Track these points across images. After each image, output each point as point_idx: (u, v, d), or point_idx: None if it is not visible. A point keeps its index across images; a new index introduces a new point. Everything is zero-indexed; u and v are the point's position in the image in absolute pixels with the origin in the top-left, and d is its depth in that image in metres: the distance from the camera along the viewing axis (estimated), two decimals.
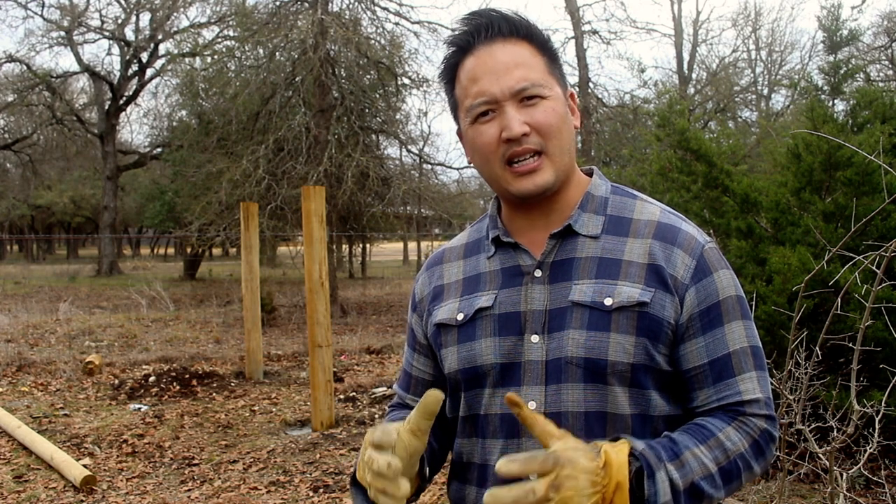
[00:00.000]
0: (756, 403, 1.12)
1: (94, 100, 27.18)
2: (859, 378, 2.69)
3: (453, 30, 1.22)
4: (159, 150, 24.25)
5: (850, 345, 2.68)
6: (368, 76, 14.38)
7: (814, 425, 3.01)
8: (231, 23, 18.24)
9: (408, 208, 16.56)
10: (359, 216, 15.31)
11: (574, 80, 19.23)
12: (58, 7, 24.92)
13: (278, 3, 13.71)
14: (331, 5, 13.33)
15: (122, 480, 4.70)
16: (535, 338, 1.14)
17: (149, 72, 25.04)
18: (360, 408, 6.50)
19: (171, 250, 46.85)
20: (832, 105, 6.21)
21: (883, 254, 2.47)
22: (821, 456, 2.90)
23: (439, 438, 1.30)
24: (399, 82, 14.09)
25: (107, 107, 25.11)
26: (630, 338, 1.10)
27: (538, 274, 1.17)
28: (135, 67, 25.08)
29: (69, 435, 5.70)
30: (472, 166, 1.28)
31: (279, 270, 22.18)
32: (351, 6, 14.09)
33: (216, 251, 36.55)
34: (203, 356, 9.18)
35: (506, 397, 1.00)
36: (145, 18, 24.65)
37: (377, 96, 14.55)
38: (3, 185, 35.33)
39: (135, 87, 25.45)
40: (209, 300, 15.73)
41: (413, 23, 14.19)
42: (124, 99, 25.29)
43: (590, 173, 1.27)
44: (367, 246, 26.19)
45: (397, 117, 15.47)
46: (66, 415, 6.36)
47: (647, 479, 0.99)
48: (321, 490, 4.46)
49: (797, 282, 3.64)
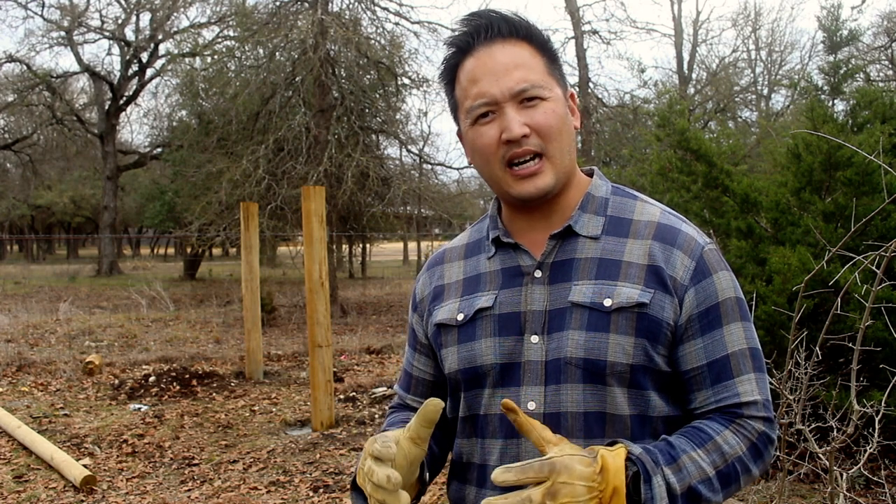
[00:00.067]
0: (754, 405, 1.12)
1: (94, 100, 27.18)
2: (859, 378, 2.69)
3: (453, 30, 1.22)
4: (159, 150, 24.24)
5: (850, 345, 2.68)
6: (368, 76, 14.38)
7: (814, 425, 3.01)
8: (231, 23, 18.24)
9: (408, 208, 16.56)
10: (359, 216, 15.31)
11: (574, 80, 19.23)
12: (58, 7, 24.93)
13: (278, 3, 13.71)
14: (331, 5, 13.33)
15: (122, 480, 4.70)
16: (534, 338, 1.14)
17: (149, 72, 25.06)
18: (360, 408, 6.51)
19: (171, 250, 46.85)
20: (832, 105, 6.20)
21: (883, 254, 2.47)
22: (821, 456, 2.90)
23: (439, 441, 1.30)
24: (399, 82, 14.09)
25: (107, 107, 25.11)
26: (629, 339, 1.10)
27: (538, 274, 1.17)
28: (135, 67, 25.09)
29: (69, 435, 5.70)
30: (472, 166, 1.28)
31: (279, 270, 22.18)
32: (351, 6, 14.10)
33: (216, 251, 36.55)
34: (203, 356, 9.18)
35: (502, 403, 1.01)
36: (145, 18, 24.70)
37: (377, 96, 14.55)
38: (3, 185, 35.33)
39: (135, 87, 25.45)
40: (209, 300, 15.73)
41: (413, 23, 14.20)
42: (124, 99, 25.29)
43: (590, 174, 1.27)
44: (367, 246, 26.18)
45: (397, 117, 15.47)
46: (66, 415, 6.36)
47: (643, 483, 0.99)
48: (321, 490, 4.46)
49: (797, 282, 3.64)
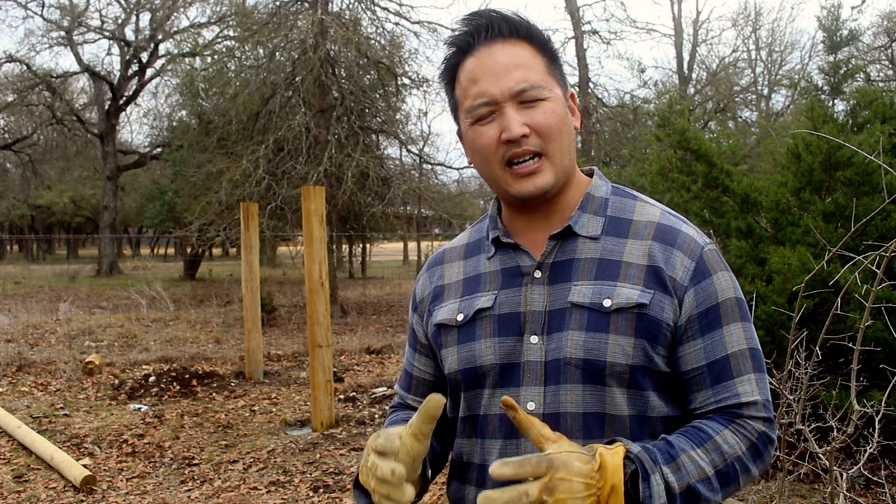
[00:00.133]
0: (754, 406, 1.12)
1: (94, 100, 27.18)
2: (859, 378, 2.69)
3: (453, 30, 1.21)
4: (159, 150, 24.24)
5: (850, 345, 2.68)
6: (368, 76, 14.38)
7: (814, 425, 3.01)
8: (231, 23, 18.24)
9: (408, 208, 16.56)
10: (359, 216, 15.31)
11: (574, 80, 19.23)
12: (58, 7, 24.93)
13: (278, 3, 13.71)
14: (331, 5, 13.33)
15: (122, 480, 4.70)
16: (534, 338, 1.14)
17: (149, 72, 25.06)
18: (360, 408, 6.51)
19: (171, 250, 46.85)
20: (832, 105, 6.20)
21: (883, 254, 2.47)
22: (821, 456, 2.90)
23: (441, 439, 1.30)
24: (399, 82, 14.09)
25: (107, 107, 25.11)
26: (629, 339, 1.10)
27: (538, 275, 1.17)
28: (135, 67, 25.09)
29: (69, 435, 5.70)
30: (472, 166, 1.28)
31: (279, 270, 22.18)
32: (351, 6, 14.10)
33: (216, 251, 36.55)
34: (203, 356, 9.18)
35: (501, 400, 1.01)
36: (145, 18, 24.70)
37: (377, 96, 14.55)
38: (3, 185, 35.32)
39: (135, 87, 25.45)
40: (209, 300, 15.73)
41: (413, 23, 14.20)
42: (124, 99, 25.29)
43: (590, 174, 1.27)
44: (367, 246, 26.19)
45: (397, 117, 15.47)
46: (66, 415, 6.36)
47: (641, 481, 0.99)
48: (321, 490, 4.46)
49: (797, 282, 3.64)
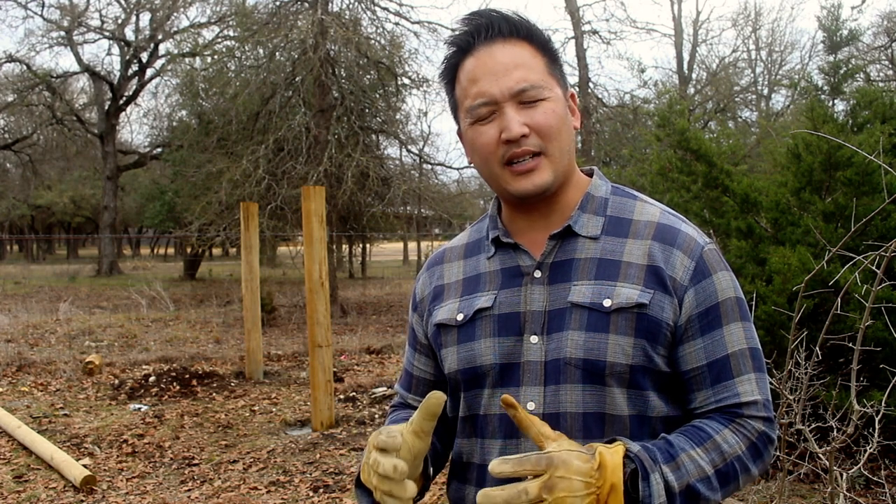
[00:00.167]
0: (754, 405, 1.12)
1: (94, 100, 27.18)
2: (859, 378, 2.69)
3: (454, 30, 1.21)
4: (159, 150, 24.24)
5: (850, 345, 2.68)
6: (368, 76, 14.38)
7: (814, 425, 3.01)
8: (231, 23, 18.24)
9: (408, 208, 16.56)
10: (359, 216, 15.31)
11: (574, 80, 19.22)
12: (58, 7, 24.93)
13: (278, 3, 13.71)
14: (331, 5, 13.33)
15: (122, 480, 4.70)
16: (534, 338, 1.14)
17: (149, 72, 25.06)
18: (360, 408, 6.50)
19: (171, 250, 46.85)
20: (832, 105, 6.20)
21: (883, 254, 2.47)
22: (821, 456, 2.90)
23: (442, 438, 1.30)
24: (399, 82, 14.09)
25: (107, 107, 25.11)
26: (629, 339, 1.10)
27: (538, 275, 1.17)
28: (135, 67, 25.08)
29: (69, 435, 5.70)
30: (472, 166, 1.28)
31: (279, 270, 22.18)
32: (351, 6, 14.10)
33: (216, 251, 36.55)
34: (203, 356, 9.18)
35: (501, 399, 1.01)
36: (145, 18, 24.70)
37: (377, 96, 14.55)
38: (3, 185, 35.32)
39: (135, 87, 25.45)
40: (209, 300, 15.73)
41: (413, 23, 14.20)
42: (124, 99, 25.29)
43: (590, 174, 1.27)
44: (367, 246, 26.19)
45: (397, 117, 15.47)
46: (66, 415, 6.36)
47: (641, 481, 0.99)
48: (321, 490, 4.46)
49: (797, 282, 3.64)
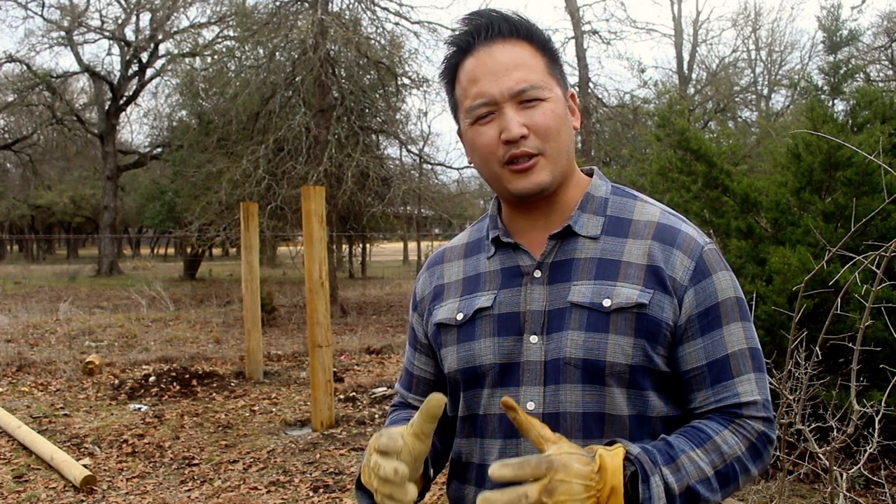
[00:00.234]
0: (754, 405, 1.12)
1: (94, 100, 27.18)
2: (859, 378, 2.69)
3: (454, 30, 1.21)
4: (159, 150, 24.25)
5: (850, 345, 2.68)
6: (368, 76, 14.38)
7: (814, 425, 3.01)
8: (231, 23, 18.24)
9: (408, 208, 16.56)
10: (359, 216, 15.31)
11: (574, 80, 19.22)
12: (58, 7, 24.93)
13: (278, 3, 13.71)
14: (331, 5, 13.33)
15: (122, 480, 4.70)
16: (533, 338, 1.14)
17: (149, 72, 25.05)
18: (360, 408, 6.51)
19: (171, 250, 46.85)
20: (832, 105, 6.21)
21: (883, 254, 2.47)
22: (821, 456, 2.90)
23: (442, 438, 1.30)
24: (399, 82, 14.08)
25: (107, 107, 25.10)
26: (628, 339, 1.10)
27: (538, 274, 1.17)
28: (135, 67, 25.08)
29: (69, 435, 5.70)
30: (472, 166, 1.28)
31: (279, 270, 22.18)
32: (351, 6, 14.10)
33: (216, 251, 36.55)
34: (203, 356, 9.18)
35: (501, 401, 1.00)
36: (145, 18, 24.69)
37: (377, 96, 14.55)
38: (3, 185, 35.32)
39: (135, 87, 25.45)
40: (209, 300, 15.73)
41: (413, 23, 14.20)
42: (124, 99, 25.28)
43: (590, 173, 1.27)
44: (367, 246, 26.19)
45: (397, 117, 15.47)
46: (66, 415, 6.36)
47: (641, 483, 0.99)
48: (321, 490, 4.46)
49: (797, 282, 3.64)
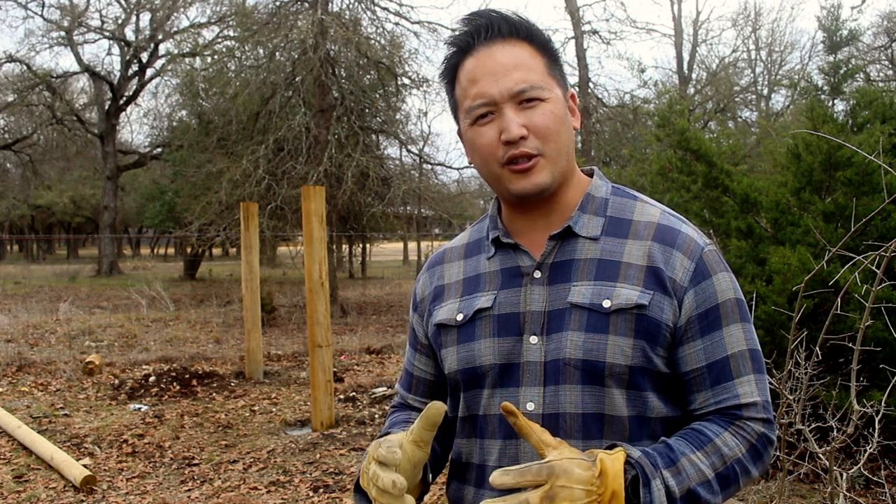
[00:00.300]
0: (754, 407, 1.12)
1: (94, 100, 27.18)
2: (859, 378, 2.69)
3: (454, 30, 1.21)
4: (159, 150, 24.25)
5: (850, 345, 2.68)
6: (368, 76, 14.38)
7: (814, 425, 3.01)
8: (231, 23, 18.25)
9: (408, 208, 16.55)
10: (359, 216, 15.31)
11: (574, 80, 19.22)
12: (58, 7, 24.92)
13: (278, 3, 13.71)
14: (331, 5, 13.33)
15: (122, 480, 4.70)
16: (533, 339, 1.14)
17: (149, 72, 25.05)
18: (360, 408, 6.51)
19: (171, 250, 46.84)
20: (832, 105, 6.21)
21: (883, 254, 2.46)
22: (821, 456, 2.90)
23: (441, 441, 1.30)
24: (399, 82, 14.08)
25: (107, 107, 25.10)
26: (628, 340, 1.10)
27: (537, 275, 1.17)
28: (135, 67, 25.08)
29: (69, 435, 5.70)
30: (472, 166, 1.28)
31: (279, 270, 22.18)
32: (351, 6, 14.10)
33: (216, 251, 36.55)
34: (203, 356, 9.18)
35: (501, 406, 1.01)
36: (145, 18, 24.69)
37: (377, 96, 14.55)
38: (3, 185, 35.31)
39: (135, 87, 25.45)
40: (209, 300, 15.73)
41: (413, 23, 14.20)
42: (124, 99, 25.28)
43: (590, 174, 1.27)
44: (367, 246, 26.18)
45: (397, 117, 15.47)
46: (66, 415, 6.36)
47: (642, 487, 0.99)
48: (321, 490, 4.46)
49: (797, 282, 3.64)
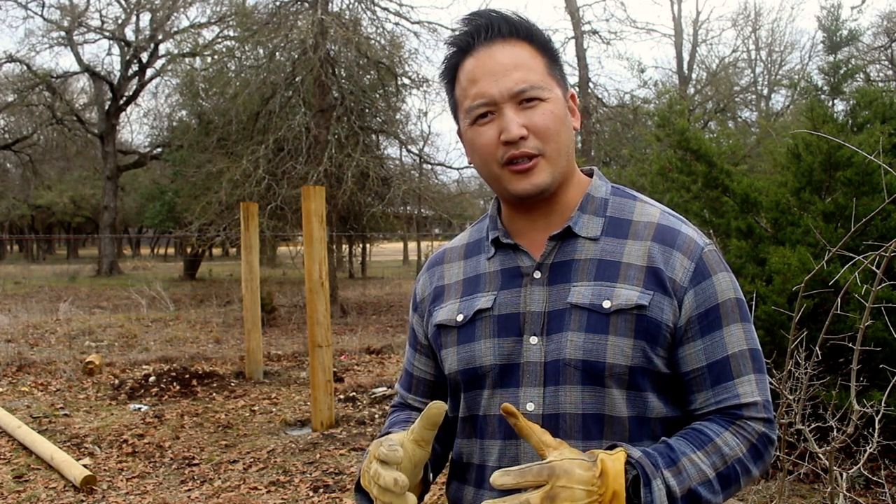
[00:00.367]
0: (754, 406, 1.12)
1: (94, 100, 27.18)
2: (859, 378, 2.69)
3: (454, 30, 1.21)
4: (159, 150, 24.25)
5: (850, 345, 2.68)
6: (368, 76, 14.38)
7: (814, 425, 3.01)
8: (231, 23, 18.25)
9: (408, 208, 16.55)
10: (359, 216, 15.31)
11: (574, 80, 19.21)
12: (58, 7, 24.92)
13: (278, 3, 13.71)
14: (331, 5, 13.33)
15: (122, 480, 4.70)
16: (533, 339, 1.14)
17: (149, 72, 25.05)
18: (360, 408, 6.51)
19: (171, 250, 46.84)
20: (832, 105, 6.21)
21: (883, 254, 2.46)
22: (821, 456, 2.90)
23: (441, 440, 1.30)
24: (399, 82, 14.09)
25: (107, 107, 25.10)
26: (628, 340, 1.10)
27: (537, 275, 1.17)
28: (135, 67, 25.08)
29: (69, 435, 5.70)
30: (472, 166, 1.28)
31: (279, 270, 22.18)
32: (351, 6, 14.10)
33: (216, 251, 36.55)
34: (203, 356, 9.17)
35: (502, 408, 1.01)
36: (145, 18, 24.69)
37: (377, 96, 14.55)
38: (3, 185, 35.31)
39: (135, 87, 25.45)
40: (209, 300, 15.72)
41: (413, 23, 14.20)
42: (124, 99, 25.28)
43: (590, 174, 1.27)
44: (367, 246, 26.18)
45: (397, 117, 15.47)
46: (66, 415, 6.36)
47: (643, 487, 0.99)
48: (321, 490, 4.46)
49: (797, 282, 3.64)
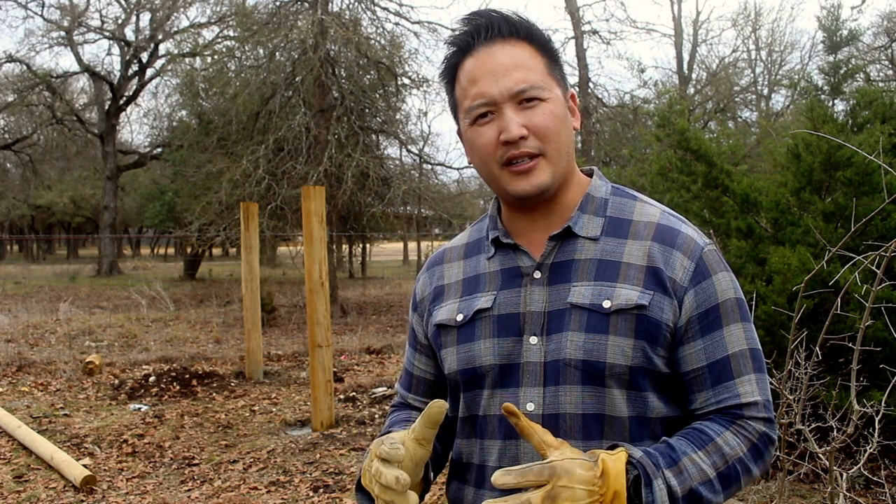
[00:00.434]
0: (755, 406, 1.12)
1: (94, 100, 27.18)
2: (859, 378, 2.69)
3: (454, 30, 1.21)
4: (159, 150, 24.25)
5: (850, 345, 2.68)
6: (368, 76, 14.38)
7: (814, 425, 3.01)
8: (231, 23, 18.25)
9: (408, 208, 16.55)
10: (359, 216, 15.31)
11: (574, 80, 19.21)
12: (58, 7, 24.93)
13: (278, 3, 13.71)
14: (331, 5, 13.33)
15: (122, 480, 4.70)
16: (533, 339, 1.14)
17: (149, 72, 25.05)
18: (360, 408, 6.51)
19: (171, 250, 46.85)
20: (832, 105, 6.21)
21: (883, 254, 2.46)
22: (821, 456, 2.90)
23: (442, 439, 1.30)
24: (399, 82, 14.09)
25: (107, 107, 25.10)
26: (628, 340, 1.10)
27: (537, 275, 1.17)
28: (135, 67, 25.08)
29: (69, 435, 5.70)
30: (472, 166, 1.28)
31: (279, 270, 22.18)
32: (351, 6, 14.10)
33: (216, 251, 36.55)
34: (203, 356, 9.17)
35: (503, 407, 1.00)
36: (145, 18, 24.69)
37: (377, 96, 14.55)
38: (3, 185, 35.31)
39: (135, 87, 25.45)
40: (209, 300, 15.72)
41: (413, 23, 14.20)
42: (124, 99, 25.28)
43: (590, 174, 1.27)
44: (367, 246, 26.18)
45: (397, 117, 15.47)
46: (66, 415, 6.36)
47: (644, 487, 0.99)
48: (321, 490, 4.46)
49: (797, 282, 3.64)
